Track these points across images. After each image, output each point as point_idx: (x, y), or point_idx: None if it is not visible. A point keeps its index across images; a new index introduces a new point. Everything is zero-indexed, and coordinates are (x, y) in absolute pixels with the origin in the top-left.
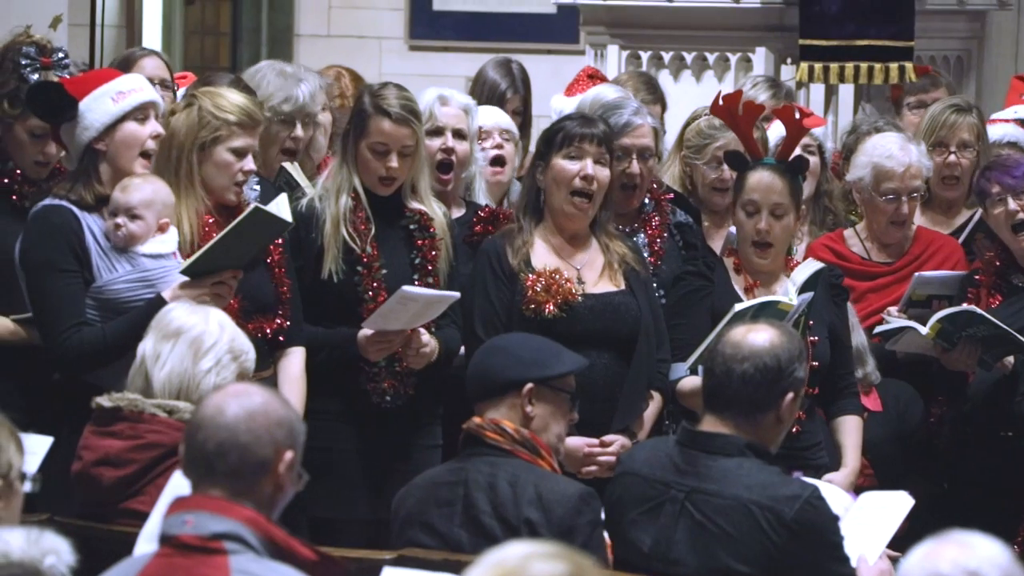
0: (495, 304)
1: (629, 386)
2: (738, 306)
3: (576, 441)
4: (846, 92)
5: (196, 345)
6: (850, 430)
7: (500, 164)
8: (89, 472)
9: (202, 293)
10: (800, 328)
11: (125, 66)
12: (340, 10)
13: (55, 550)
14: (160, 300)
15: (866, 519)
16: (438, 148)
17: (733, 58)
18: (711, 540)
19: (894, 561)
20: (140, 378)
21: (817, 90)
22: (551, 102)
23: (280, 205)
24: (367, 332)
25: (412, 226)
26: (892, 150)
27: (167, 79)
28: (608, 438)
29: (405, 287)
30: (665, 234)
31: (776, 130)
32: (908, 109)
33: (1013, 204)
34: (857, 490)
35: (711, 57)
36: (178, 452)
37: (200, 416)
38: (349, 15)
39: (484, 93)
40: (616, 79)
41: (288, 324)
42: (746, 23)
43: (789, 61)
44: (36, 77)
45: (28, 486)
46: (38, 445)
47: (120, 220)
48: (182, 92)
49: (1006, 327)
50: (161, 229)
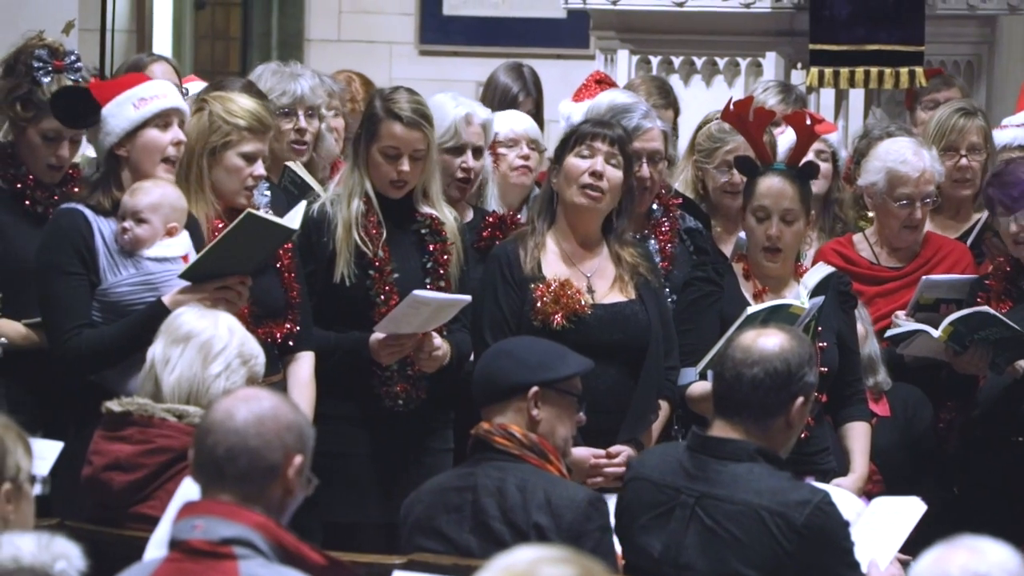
0: (504, 310)
1: (638, 397)
2: (750, 309)
3: (583, 452)
4: (856, 97)
5: (206, 349)
6: (858, 436)
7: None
8: (99, 477)
9: (203, 298)
10: (810, 332)
11: (135, 72)
12: (350, 15)
13: (65, 555)
14: (160, 304)
15: (878, 524)
16: (458, 166)
17: (743, 63)
18: (721, 545)
19: (905, 566)
20: (150, 382)
21: (827, 95)
22: (559, 107)
23: (296, 214)
24: (379, 336)
25: (423, 231)
26: (906, 155)
27: (176, 84)
28: (615, 449)
29: (417, 291)
30: (675, 239)
31: (788, 136)
32: (921, 108)
33: (1014, 226)
34: (867, 496)
35: (721, 62)
36: (188, 457)
37: (210, 420)
38: (359, 20)
39: (496, 97)
40: (629, 83)
41: (298, 329)
42: (756, 28)
43: (799, 66)
44: (48, 80)
45: (38, 488)
46: (48, 450)
47: (127, 224)
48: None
49: (1020, 329)
50: (169, 233)
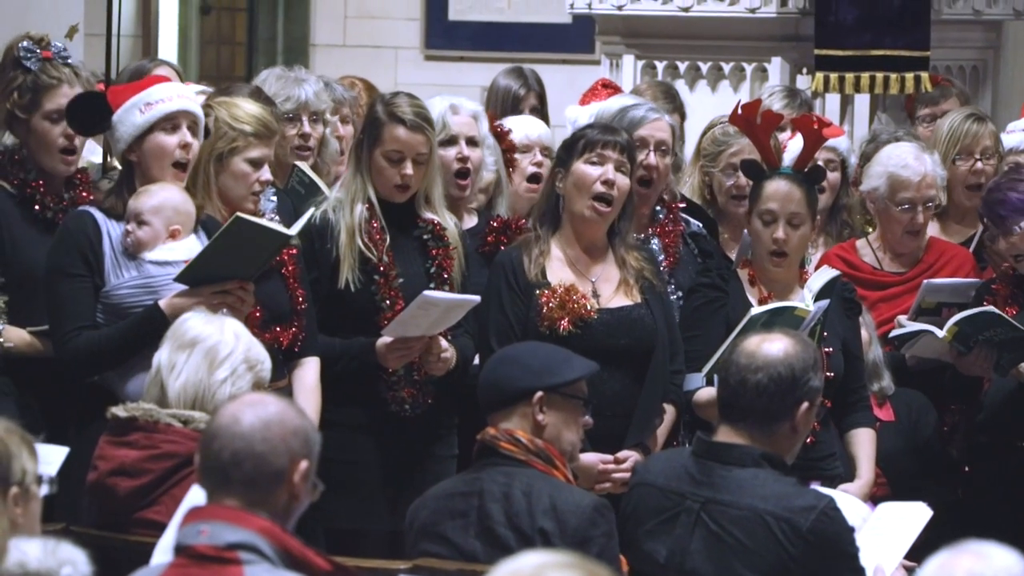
0: (510, 317)
1: (644, 401)
2: (754, 311)
3: (590, 457)
4: (862, 102)
5: (211, 355)
6: (863, 442)
7: (537, 181)
8: (104, 482)
9: (199, 302)
10: (816, 336)
11: (137, 77)
12: (356, 20)
13: (72, 561)
14: (156, 308)
15: (884, 530)
16: (454, 157)
17: (748, 68)
18: (726, 551)
19: (910, 572)
20: (155, 388)
21: (833, 100)
22: (566, 112)
23: (301, 220)
24: (386, 340)
25: (426, 236)
26: (907, 159)
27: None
28: (622, 454)
29: (426, 292)
30: (679, 241)
31: (796, 144)
32: (920, 123)
33: (1003, 243)
34: (872, 500)
35: (726, 67)
36: (193, 462)
37: (215, 425)
38: (365, 25)
39: (499, 101)
40: (635, 89)
41: (303, 334)
42: (762, 33)
43: (805, 71)
44: (38, 67)
45: (45, 489)
46: (54, 455)
47: (130, 226)
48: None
49: (1022, 329)
50: (172, 236)
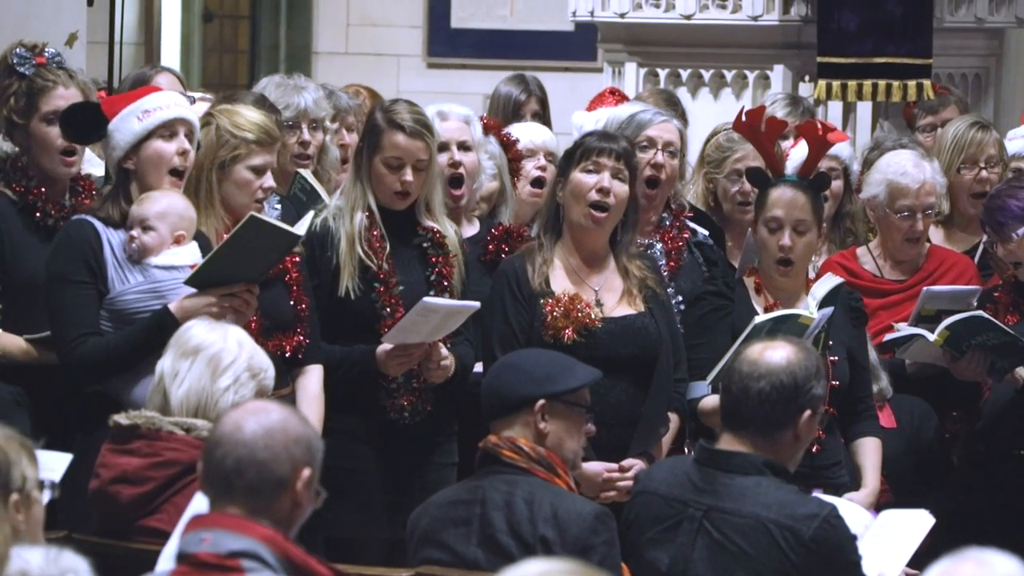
0: (513, 325)
1: (648, 410)
2: (758, 319)
3: (595, 466)
4: (864, 110)
5: (214, 363)
6: (869, 451)
7: (540, 186)
8: (107, 490)
9: (209, 304)
10: (820, 343)
11: (139, 84)
12: (358, 28)
13: (73, 569)
14: (166, 312)
15: (886, 537)
16: (446, 163)
17: (751, 75)
18: (729, 559)
19: None
20: (158, 395)
21: (835, 108)
22: (572, 118)
23: (304, 222)
24: (386, 347)
25: (426, 244)
26: (906, 167)
27: (184, 93)
28: (627, 463)
29: (426, 299)
30: (684, 250)
31: (799, 152)
32: (921, 131)
33: (1000, 250)
34: (874, 506)
35: (729, 75)
36: (196, 470)
37: (219, 433)
38: (367, 32)
39: (500, 108)
40: (638, 96)
41: (307, 342)
42: (764, 41)
43: (807, 79)
44: (32, 72)
45: (47, 495)
46: (57, 462)
47: (134, 232)
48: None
49: (1015, 334)
50: (177, 242)
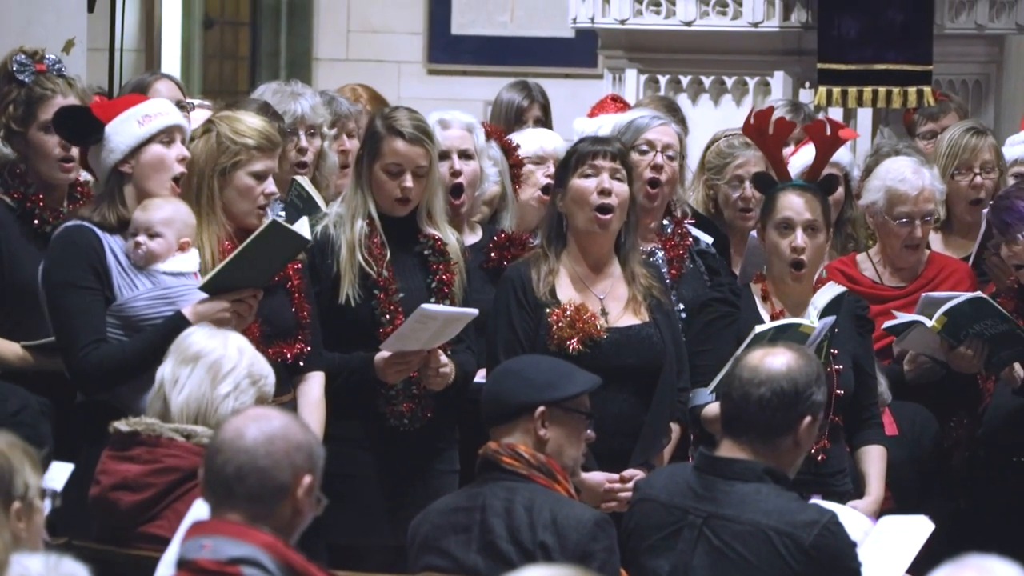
0: (518, 333)
1: (650, 420)
2: (759, 328)
3: (597, 476)
4: (864, 116)
5: (215, 370)
6: (874, 460)
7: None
8: (107, 497)
9: (222, 309)
10: (823, 353)
11: (139, 91)
12: (359, 34)
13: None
14: (180, 317)
15: (885, 544)
16: (447, 172)
17: (751, 82)
18: (729, 566)
19: None
20: (159, 402)
21: (835, 114)
22: (574, 124)
23: (301, 227)
24: (384, 355)
25: (427, 251)
26: (905, 173)
27: (182, 100)
28: (628, 473)
29: (425, 305)
30: (686, 258)
31: (800, 158)
32: (921, 138)
33: (1005, 251)
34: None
35: (729, 81)
36: (196, 476)
37: (220, 440)
38: (368, 39)
39: (503, 114)
40: (637, 103)
41: (308, 349)
42: (764, 47)
43: (807, 85)
44: (32, 79)
45: (48, 504)
46: (58, 472)
47: (140, 238)
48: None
49: (1015, 321)
50: (181, 249)
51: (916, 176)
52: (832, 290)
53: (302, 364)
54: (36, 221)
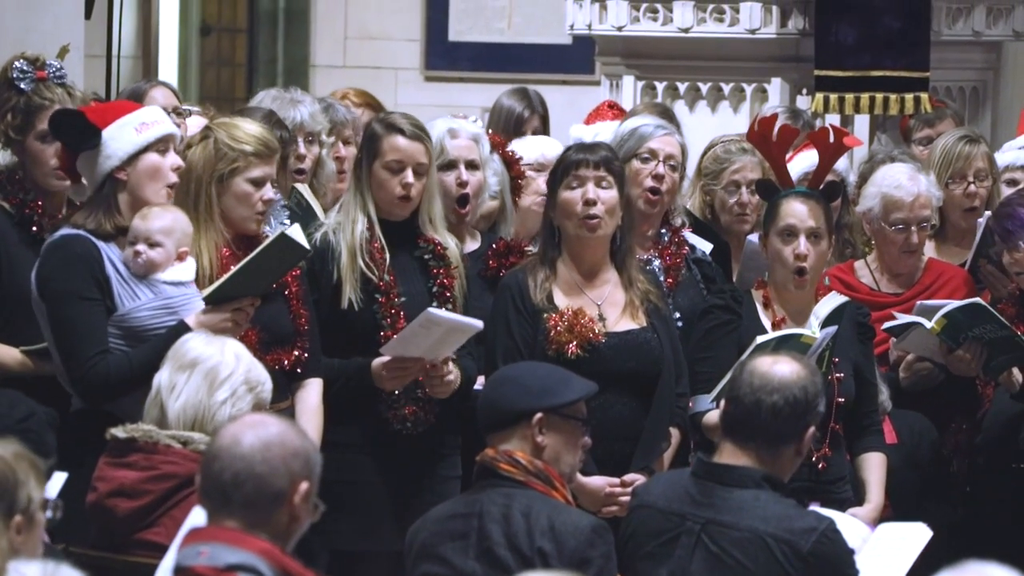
0: (517, 340)
1: (650, 425)
2: (760, 338)
3: (597, 481)
4: (862, 123)
5: (212, 376)
6: (874, 467)
7: None
8: (104, 503)
9: (224, 319)
10: (824, 362)
11: (135, 98)
12: (356, 41)
13: None
14: (184, 326)
15: (883, 551)
16: (454, 182)
17: (748, 88)
18: (727, 572)
19: None
20: (155, 409)
21: (833, 121)
22: (570, 131)
23: (296, 235)
24: (383, 360)
25: (427, 256)
26: (901, 180)
27: (179, 107)
28: (629, 477)
29: (431, 309)
30: (683, 266)
31: (797, 164)
32: (917, 144)
33: (1007, 258)
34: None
35: (726, 88)
36: (193, 483)
37: (216, 446)
38: (365, 46)
39: (502, 121)
40: (632, 110)
41: (306, 356)
42: (761, 54)
43: (805, 92)
44: (31, 87)
45: (50, 514)
46: (52, 481)
47: (140, 247)
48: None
49: (1013, 328)
50: (180, 258)
51: (912, 182)
52: (834, 300)
53: (300, 371)
54: (35, 227)
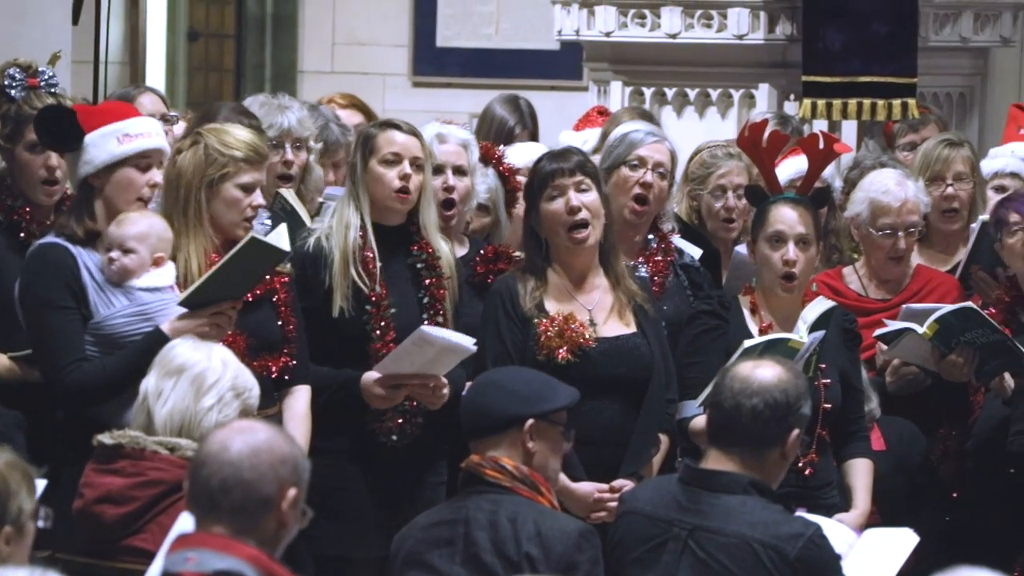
0: (507, 344)
1: (639, 431)
2: (747, 343)
3: (586, 486)
4: (849, 128)
5: (198, 382)
6: (860, 473)
7: None
8: (91, 510)
9: (201, 324)
10: (811, 367)
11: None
12: (344, 46)
13: None
14: (159, 333)
15: (870, 556)
16: (440, 187)
17: (736, 94)
18: None
19: None
20: (142, 415)
21: (820, 126)
22: (560, 137)
23: (280, 235)
24: (373, 376)
25: (419, 264)
26: (889, 185)
27: (166, 113)
28: (618, 483)
29: (424, 328)
30: (670, 273)
31: (787, 168)
32: (900, 151)
33: (1001, 246)
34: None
35: (714, 93)
36: (181, 489)
37: (205, 452)
38: (353, 51)
39: (492, 130)
40: (612, 116)
41: (294, 363)
42: (749, 59)
43: (792, 97)
44: (23, 95)
45: (41, 523)
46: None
47: (114, 254)
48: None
49: (1005, 332)
50: (156, 263)
51: (900, 188)
52: (821, 305)
53: (287, 378)
54: (22, 234)
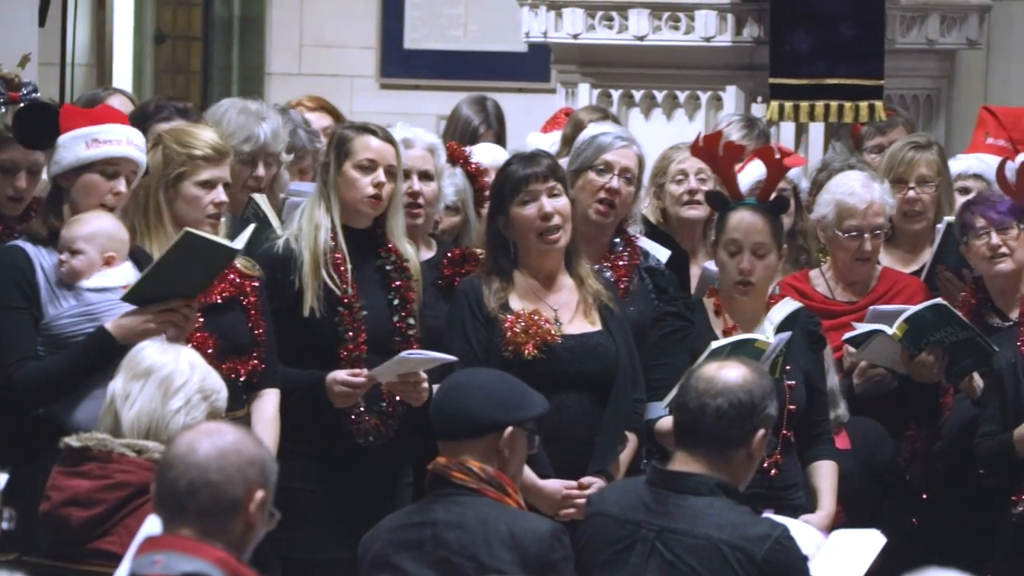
0: (473, 344)
1: (605, 428)
2: (715, 344)
3: (554, 484)
4: (816, 130)
5: (166, 384)
6: (825, 474)
7: None
8: (58, 512)
9: (146, 320)
10: (778, 368)
11: (91, 106)
12: (311, 48)
13: None
14: (102, 332)
15: (837, 557)
16: (405, 192)
17: (704, 96)
18: None
19: None
20: (109, 417)
21: (788, 128)
22: (527, 139)
23: (244, 236)
24: (336, 375)
25: (388, 266)
26: (854, 187)
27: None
28: (586, 480)
29: (404, 353)
30: (634, 276)
31: (748, 174)
32: (868, 153)
33: (996, 239)
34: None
35: (682, 96)
36: (148, 492)
37: (172, 454)
38: (320, 53)
39: (458, 130)
40: (572, 116)
41: (262, 366)
42: (717, 62)
43: (760, 100)
44: (3, 111)
45: (4, 524)
46: None
47: (63, 256)
48: None
49: (975, 328)
50: (107, 263)
51: (866, 190)
52: (788, 306)
53: (256, 381)
54: None
